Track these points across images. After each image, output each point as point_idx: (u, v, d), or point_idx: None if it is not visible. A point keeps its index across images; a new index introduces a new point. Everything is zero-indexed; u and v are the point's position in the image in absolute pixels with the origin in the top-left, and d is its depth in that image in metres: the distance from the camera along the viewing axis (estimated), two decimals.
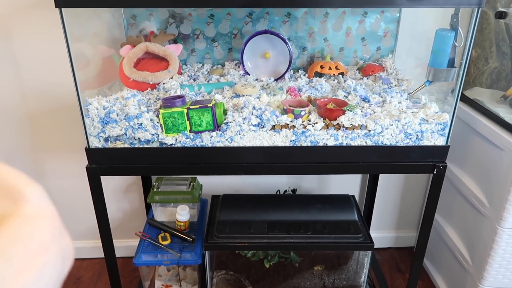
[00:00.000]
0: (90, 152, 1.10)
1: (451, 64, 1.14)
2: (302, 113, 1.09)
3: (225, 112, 1.11)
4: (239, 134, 1.08)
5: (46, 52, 1.41)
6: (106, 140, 1.10)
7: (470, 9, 0.99)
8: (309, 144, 1.10)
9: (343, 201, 1.48)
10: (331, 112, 1.10)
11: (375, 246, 1.32)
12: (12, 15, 1.36)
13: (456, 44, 1.11)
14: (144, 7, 1.30)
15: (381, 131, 1.09)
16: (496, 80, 1.37)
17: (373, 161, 1.12)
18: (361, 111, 1.12)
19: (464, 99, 1.42)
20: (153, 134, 1.08)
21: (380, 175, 1.66)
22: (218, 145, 1.09)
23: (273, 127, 1.09)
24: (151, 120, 1.07)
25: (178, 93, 1.18)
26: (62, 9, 0.94)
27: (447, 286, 1.59)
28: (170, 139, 1.08)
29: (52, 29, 1.36)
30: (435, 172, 1.13)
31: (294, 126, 1.09)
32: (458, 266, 1.48)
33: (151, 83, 1.21)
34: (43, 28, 1.38)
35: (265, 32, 1.30)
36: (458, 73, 1.10)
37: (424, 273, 1.73)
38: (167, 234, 1.43)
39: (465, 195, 1.42)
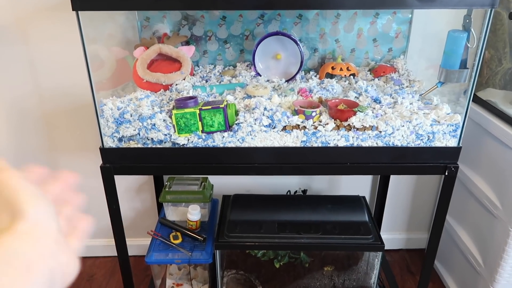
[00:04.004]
0: (104, 152, 1.12)
1: (463, 65, 1.13)
2: (313, 114, 1.10)
3: (236, 113, 1.13)
4: (251, 135, 1.09)
5: (61, 54, 1.44)
6: (120, 140, 1.12)
7: (483, 10, 0.99)
8: (320, 145, 1.10)
9: (354, 202, 1.48)
10: (342, 113, 1.10)
11: (385, 248, 1.32)
12: (29, 18, 1.39)
13: (469, 45, 1.10)
14: (158, 10, 1.32)
15: (392, 132, 1.09)
16: (509, 81, 1.35)
17: (384, 162, 1.12)
18: (372, 112, 1.12)
19: (477, 100, 1.41)
20: (165, 134, 1.09)
21: (391, 176, 1.66)
22: (229, 145, 1.10)
23: (284, 128, 1.10)
24: (164, 120, 1.09)
25: (191, 94, 1.19)
26: (79, 12, 0.97)
27: None
28: (182, 139, 1.10)
29: (67, 31, 1.38)
30: (446, 174, 1.12)
31: (305, 127, 1.09)
32: (470, 268, 1.47)
33: (164, 84, 1.23)
34: (59, 30, 1.40)
35: (276, 33, 1.31)
36: (470, 74, 1.09)
37: (435, 275, 1.72)
38: (179, 233, 1.44)
39: (477, 196, 1.41)
